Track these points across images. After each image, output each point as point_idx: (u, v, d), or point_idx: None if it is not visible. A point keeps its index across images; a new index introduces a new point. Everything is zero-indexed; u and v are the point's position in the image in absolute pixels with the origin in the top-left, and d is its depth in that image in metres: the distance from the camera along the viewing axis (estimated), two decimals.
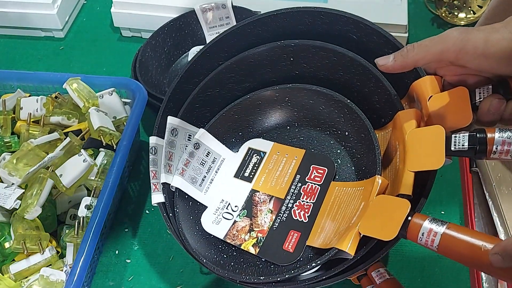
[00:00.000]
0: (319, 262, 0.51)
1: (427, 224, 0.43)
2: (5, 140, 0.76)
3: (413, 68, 0.47)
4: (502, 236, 0.65)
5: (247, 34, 0.64)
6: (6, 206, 0.67)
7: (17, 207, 0.67)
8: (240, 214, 0.62)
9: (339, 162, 0.63)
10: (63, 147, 0.73)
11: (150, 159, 0.63)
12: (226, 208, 0.63)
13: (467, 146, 0.41)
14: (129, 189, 0.79)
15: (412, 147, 0.46)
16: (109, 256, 0.72)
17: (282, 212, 0.60)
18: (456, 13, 0.98)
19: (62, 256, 0.67)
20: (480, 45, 0.40)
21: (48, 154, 0.72)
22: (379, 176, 0.52)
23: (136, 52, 0.87)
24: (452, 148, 0.42)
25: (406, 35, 0.91)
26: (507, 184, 0.68)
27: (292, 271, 0.53)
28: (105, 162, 0.71)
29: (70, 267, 0.63)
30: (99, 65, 0.98)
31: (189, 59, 0.91)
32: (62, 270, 0.63)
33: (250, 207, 0.63)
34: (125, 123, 0.77)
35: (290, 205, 0.61)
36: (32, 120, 0.78)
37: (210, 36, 0.93)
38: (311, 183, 0.61)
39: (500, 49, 0.39)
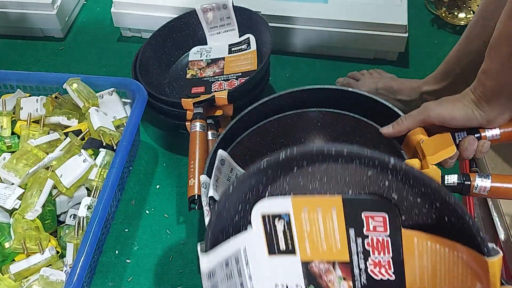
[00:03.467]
0: None
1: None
2: (5, 140, 0.76)
3: (407, 132, 0.61)
4: (502, 236, 0.65)
5: (288, 97, 0.70)
6: (6, 206, 0.67)
7: (17, 207, 0.67)
8: None
9: (395, 198, 0.49)
10: (63, 147, 0.73)
11: (201, 192, 0.63)
12: None
13: (456, 182, 0.56)
14: (129, 189, 0.79)
15: None
16: (109, 256, 0.72)
17: (358, 276, 0.51)
18: (456, 13, 0.98)
19: (62, 256, 0.67)
20: (448, 116, 0.57)
21: (48, 154, 0.72)
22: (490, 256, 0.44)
23: (137, 52, 0.87)
24: (446, 183, 0.56)
25: (406, 35, 0.91)
26: None
27: None
28: (105, 162, 0.71)
29: (70, 267, 0.63)
30: (99, 65, 0.98)
31: (189, 59, 0.91)
32: (62, 270, 0.63)
33: (314, 281, 0.52)
34: (125, 123, 0.77)
35: (362, 266, 0.51)
36: (32, 120, 0.78)
37: (210, 36, 0.93)
38: (374, 235, 0.50)
39: (461, 118, 0.57)
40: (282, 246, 0.52)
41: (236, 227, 0.51)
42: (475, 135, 0.58)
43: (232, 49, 0.90)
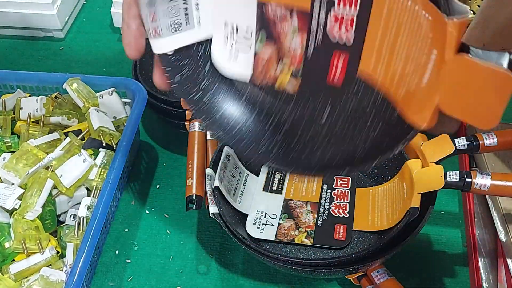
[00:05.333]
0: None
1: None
2: (5, 140, 0.76)
3: None
4: (502, 236, 0.65)
5: None
6: (6, 206, 0.67)
7: (17, 207, 0.67)
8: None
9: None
10: (63, 147, 0.73)
11: (206, 183, 0.67)
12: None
13: (458, 179, 0.57)
14: (129, 189, 0.79)
15: (419, 179, 0.60)
16: (109, 256, 0.72)
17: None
18: None
19: (62, 256, 0.67)
20: None
21: (48, 154, 0.72)
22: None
23: None
24: (448, 179, 0.58)
25: None
26: None
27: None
28: (105, 162, 0.71)
29: (70, 267, 0.63)
30: (99, 65, 0.98)
31: None
32: (62, 270, 0.63)
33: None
34: (125, 123, 0.77)
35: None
36: (32, 120, 0.78)
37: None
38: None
39: None
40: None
41: None
42: (474, 142, 0.62)
43: None
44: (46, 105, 0.78)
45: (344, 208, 0.70)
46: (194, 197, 0.66)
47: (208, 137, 0.75)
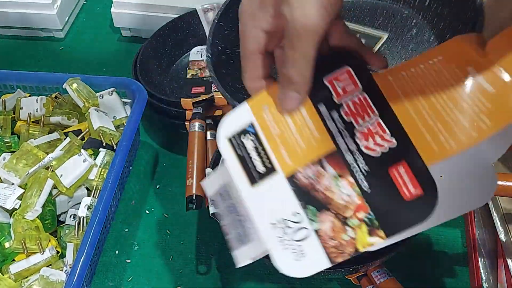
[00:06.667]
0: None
1: None
2: (5, 140, 0.76)
3: None
4: (502, 236, 0.65)
5: None
6: (6, 206, 0.67)
7: (17, 207, 0.67)
8: (310, 217, 0.39)
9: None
10: (63, 147, 0.73)
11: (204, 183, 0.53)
12: (288, 227, 0.39)
13: None
14: (129, 189, 0.79)
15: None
16: (109, 256, 0.72)
17: (353, 163, 0.38)
18: None
19: (62, 256, 0.67)
20: None
21: (48, 154, 0.72)
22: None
23: (137, 52, 0.87)
24: None
25: None
26: None
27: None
28: (105, 162, 0.71)
29: (70, 267, 0.63)
30: (99, 65, 0.98)
31: (190, 59, 0.91)
32: (62, 270, 0.63)
33: (310, 197, 0.39)
34: (125, 123, 0.77)
35: (352, 146, 0.38)
36: (32, 120, 0.78)
37: None
38: (347, 99, 0.39)
39: None
40: (260, 167, 0.40)
41: None
42: None
43: None
44: (46, 105, 0.79)
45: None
46: (194, 197, 0.66)
47: (208, 137, 0.75)
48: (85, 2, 1.12)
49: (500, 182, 0.56)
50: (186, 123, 0.76)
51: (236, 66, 0.42)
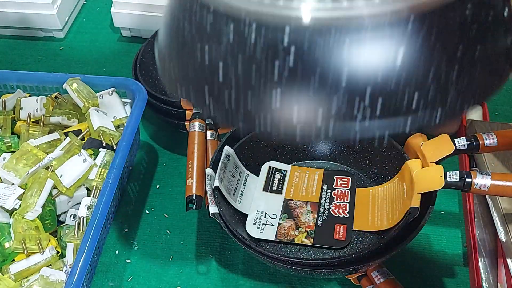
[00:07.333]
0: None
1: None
2: (5, 140, 0.76)
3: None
4: (502, 236, 0.65)
5: None
6: (6, 206, 0.67)
7: (17, 207, 0.67)
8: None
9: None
10: (63, 147, 0.73)
11: (206, 183, 0.67)
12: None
13: (458, 179, 0.57)
14: (129, 189, 0.79)
15: (419, 179, 0.61)
16: (109, 256, 0.72)
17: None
18: None
19: (62, 256, 0.67)
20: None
21: (48, 154, 0.72)
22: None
23: (137, 52, 0.87)
24: (448, 179, 0.58)
25: None
26: None
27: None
28: (105, 162, 0.71)
29: (70, 267, 0.63)
30: (99, 65, 0.98)
31: None
32: (62, 270, 0.63)
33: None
34: (125, 123, 0.77)
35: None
36: (32, 120, 0.78)
37: None
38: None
39: None
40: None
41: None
42: (474, 143, 0.62)
43: None
44: (46, 105, 0.78)
45: (344, 208, 0.70)
46: (194, 197, 0.66)
47: (208, 137, 0.75)
48: (85, 2, 1.12)
49: (500, 182, 0.56)
50: (186, 123, 0.76)
51: None
